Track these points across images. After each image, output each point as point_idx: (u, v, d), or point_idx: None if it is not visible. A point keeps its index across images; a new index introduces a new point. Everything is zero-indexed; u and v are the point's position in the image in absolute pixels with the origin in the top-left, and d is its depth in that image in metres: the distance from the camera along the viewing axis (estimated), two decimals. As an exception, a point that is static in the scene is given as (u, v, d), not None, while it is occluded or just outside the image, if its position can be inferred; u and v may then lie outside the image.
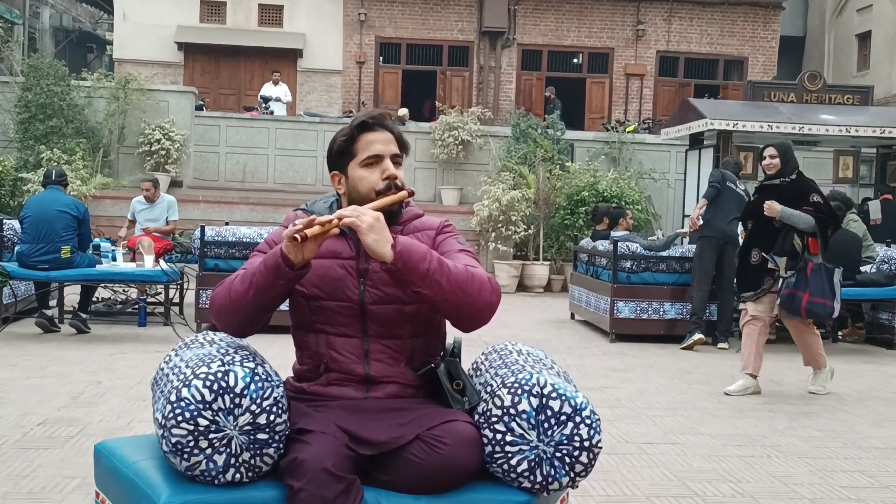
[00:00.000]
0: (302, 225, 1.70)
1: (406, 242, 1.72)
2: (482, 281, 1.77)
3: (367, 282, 1.85)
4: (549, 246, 11.45)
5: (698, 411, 4.45)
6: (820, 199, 4.67)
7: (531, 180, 11.45)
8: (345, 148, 1.91)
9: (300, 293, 1.87)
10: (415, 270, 1.70)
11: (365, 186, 1.88)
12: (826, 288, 4.60)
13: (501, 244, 11.05)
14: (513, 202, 10.93)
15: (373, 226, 1.70)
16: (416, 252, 1.71)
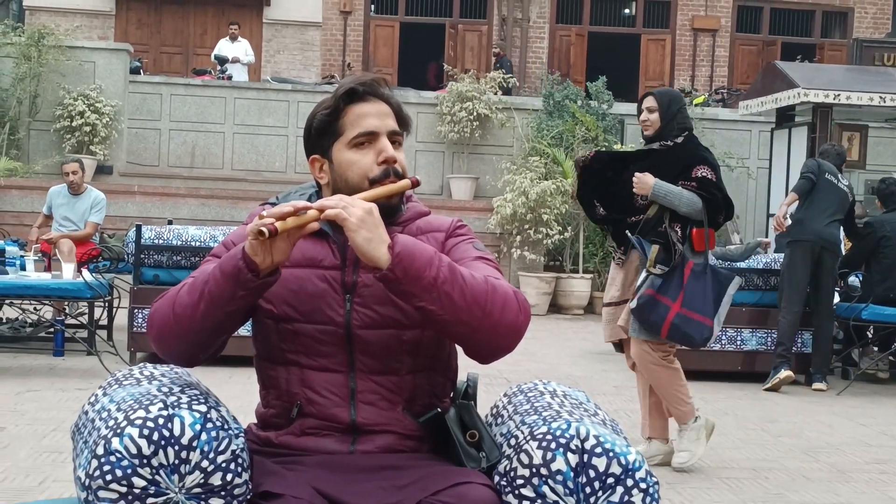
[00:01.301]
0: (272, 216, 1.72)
1: (407, 243, 1.74)
2: (506, 296, 1.79)
3: (356, 298, 1.87)
4: (590, 254, 11.47)
5: (788, 473, 4.46)
6: (709, 173, 4.25)
7: (568, 167, 11.48)
8: (328, 124, 1.93)
9: (266, 312, 1.90)
10: (418, 280, 1.72)
11: (355, 174, 1.90)
12: (708, 301, 4.20)
13: (529, 251, 11.08)
14: (544, 196, 10.96)
15: (364, 220, 1.72)
16: (420, 255, 1.73)
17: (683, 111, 4.41)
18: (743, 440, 5.13)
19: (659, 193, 4.21)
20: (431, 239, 1.95)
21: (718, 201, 4.26)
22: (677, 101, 4.40)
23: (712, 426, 4.45)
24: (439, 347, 1.93)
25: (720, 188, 4.27)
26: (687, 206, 4.20)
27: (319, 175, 1.97)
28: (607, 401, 5.99)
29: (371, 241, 1.71)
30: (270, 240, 1.73)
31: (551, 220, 10.97)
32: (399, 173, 1.92)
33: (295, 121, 13.12)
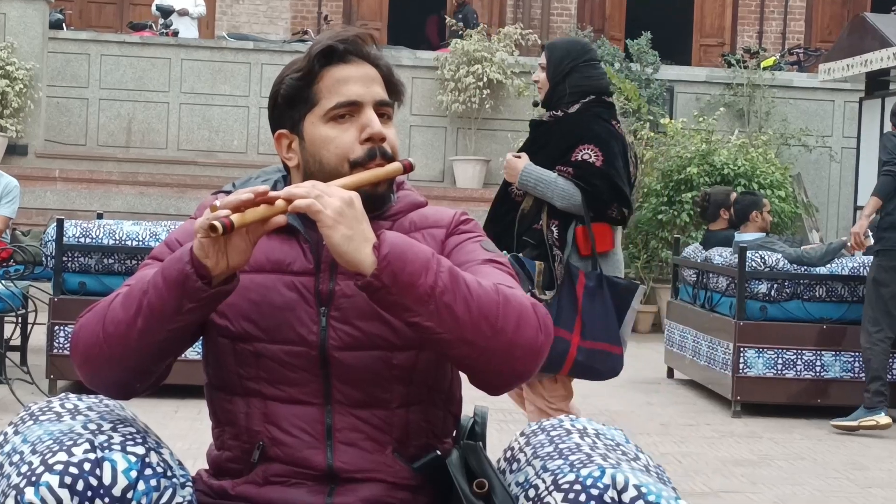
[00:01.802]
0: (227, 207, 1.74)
1: (397, 242, 1.76)
2: (522, 309, 1.81)
3: (333, 312, 1.89)
4: (631, 256, 11.45)
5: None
6: (594, 154, 4.04)
7: (603, 147, 11.46)
8: (298, 92, 1.96)
9: (221, 329, 1.92)
10: (411, 288, 1.74)
11: (332, 154, 1.93)
12: (611, 324, 4.06)
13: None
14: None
15: (343, 213, 1.74)
16: (413, 258, 1.75)
17: (584, 69, 4.16)
18: (823, 491, 5.15)
19: (528, 182, 4.08)
20: (428, 237, 1.97)
21: (602, 194, 4.03)
22: (573, 55, 4.17)
23: None
24: (439, 374, 1.94)
25: (606, 175, 4.02)
26: (561, 200, 4.02)
27: (287, 155, 1.99)
28: (652, 442, 6.00)
29: (351, 239, 1.73)
30: (225, 237, 1.74)
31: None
32: (388, 154, 1.94)
33: (258, 88, 13.13)
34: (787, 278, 6.95)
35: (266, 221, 1.76)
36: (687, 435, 6.27)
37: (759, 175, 11.05)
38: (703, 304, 7.68)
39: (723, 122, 12.61)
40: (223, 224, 1.71)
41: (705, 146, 11.37)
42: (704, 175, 11.03)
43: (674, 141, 11.59)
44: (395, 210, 2.00)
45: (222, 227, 1.70)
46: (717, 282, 7.47)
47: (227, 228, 1.71)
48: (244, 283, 1.86)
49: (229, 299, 1.84)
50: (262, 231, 1.77)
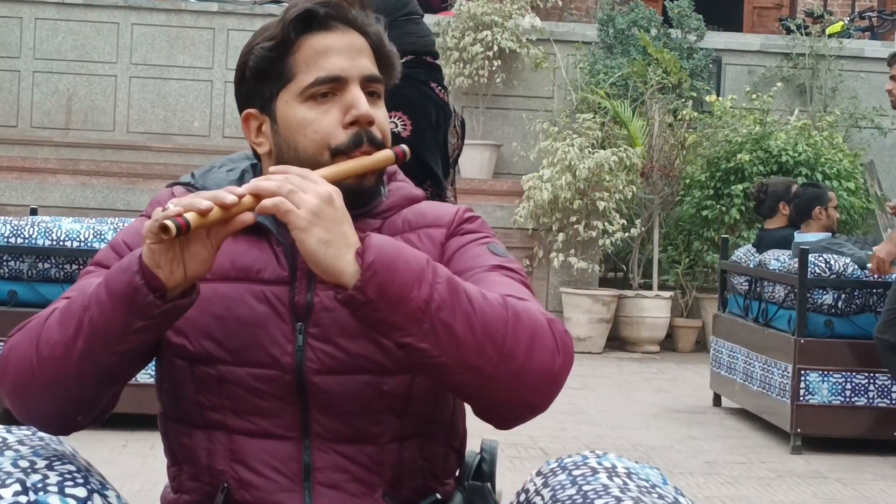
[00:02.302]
0: (180, 206, 1.73)
1: (385, 247, 1.76)
2: (537, 326, 1.82)
3: (312, 328, 1.91)
4: (670, 261, 11.47)
5: None
6: (403, 122, 4.26)
7: (636, 130, 11.48)
8: (271, 64, 1.97)
9: (177, 349, 1.94)
10: (401, 303, 1.74)
11: (310, 140, 1.94)
12: None
13: (577, 257, 11.09)
14: (600, 174, 10.98)
15: (319, 213, 1.74)
16: (404, 266, 1.75)
17: (402, 24, 4.30)
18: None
19: None
20: (425, 238, 1.98)
21: (408, 168, 4.14)
22: (388, 9, 4.25)
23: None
24: (438, 403, 1.95)
25: (411, 147, 4.07)
26: None
27: (257, 140, 2.00)
28: (695, 483, 6.02)
29: (329, 244, 1.73)
30: (181, 241, 1.74)
31: (610, 209, 10.98)
32: (377, 140, 1.95)
33: (223, 59, 13.14)
34: (857, 287, 6.94)
35: (230, 221, 1.76)
36: (737, 475, 6.26)
37: (823, 163, 11.06)
38: (756, 317, 7.69)
39: (780, 100, 12.64)
40: (177, 225, 1.70)
41: (759, 128, 11.40)
42: (758, 163, 11.05)
43: (721, 122, 11.61)
44: (385, 206, 2.00)
45: (176, 229, 1.70)
46: (774, 291, 7.46)
47: (181, 230, 1.70)
48: (205, 295, 1.87)
49: (188, 314, 1.85)
50: (225, 233, 1.78)
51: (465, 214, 2.05)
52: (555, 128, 11.74)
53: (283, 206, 1.73)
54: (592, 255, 11.19)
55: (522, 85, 13.05)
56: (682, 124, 11.59)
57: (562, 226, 11.11)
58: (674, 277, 11.40)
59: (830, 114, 12.44)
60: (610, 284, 11.61)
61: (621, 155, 11.03)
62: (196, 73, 13.22)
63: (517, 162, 12.78)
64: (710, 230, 11.14)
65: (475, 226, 2.04)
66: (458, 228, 2.03)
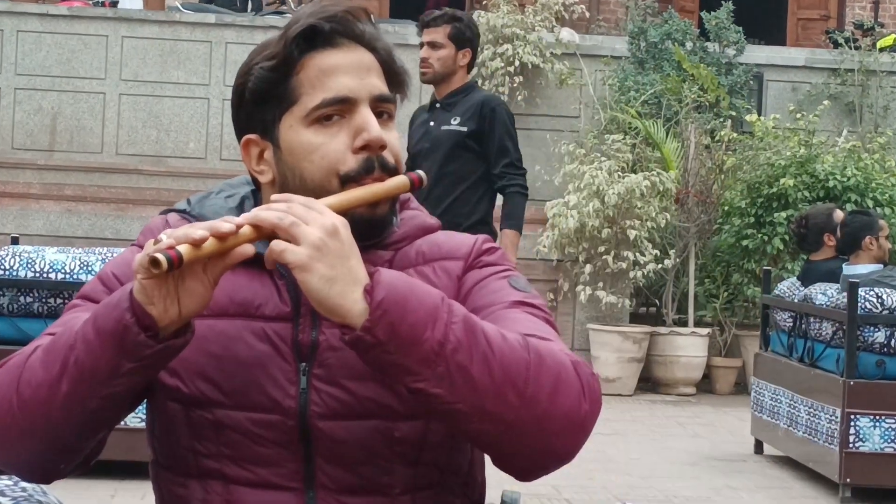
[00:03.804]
0: (173, 239, 1.74)
1: (397, 284, 1.76)
2: (561, 369, 1.82)
3: (316, 370, 1.91)
4: (707, 294, 11.43)
5: None
6: None
7: (670, 152, 11.48)
8: (272, 85, 1.97)
9: (171, 391, 1.93)
10: (414, 346, 1.74)
11: (317, 167, 1.94)
12: None
13: (606, 290, 11.05)
14: (631, 199, 10.96)
15: (323, 248, 1.74)
16: (416, 304, 1.75)
17: None
18: None
19: None
20: (440, 271, 1.98)
21: None
22: None
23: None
24: (454, 451, 1.95)
25: None
26: None
27: (258, 168, 2.01)
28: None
29: (334, 281, 1.73)
30: (175, 276, 1.75)
31: (642, 238, 10.97)
32: (389, 165, 1.95)
33: (221, 74, 13.18)
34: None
35: (227, 253, 1.77)
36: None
37: (874, 189, 11.02)
38: (801, 357, 7.66)
39: (827, 120, 12.56)
40: (168, 258, 1.70)
41: (804, 151, 11.37)
42: (803, 188, 11.01)
43: (763, 144, 11.60)
44: (398, 236, 2.01)
45: (167, 262, 1.70)
46: (821, 328, 7.45)
47: (173, 264, 1.71)
48: (201, 332, 1.88)
49: (182, 353, 1.84)
50: (222, 266, 1.78)
51: (484, 245, 2.05)
52: (581, 150, 11.73)
53: (276, 247, 1.73)
54: (622, 288, 11.17)
55: (546, 103, 13.05)
56: (721, 146, 11.59)
57: (589, 256, 11.10)
58: (711, 313, 11.36)
59: (882, 134, 12.36)
60: (642, 320, 11.58)
61: (654, 179, 11.02)
62: (191, 90, 13.25)
63: (540, 187, 12.73)
64: (750, 261, 11.12)
65: (495, 258, 2.04)
66: (476, 261, 2.03)
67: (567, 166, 11.58)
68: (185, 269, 1.74)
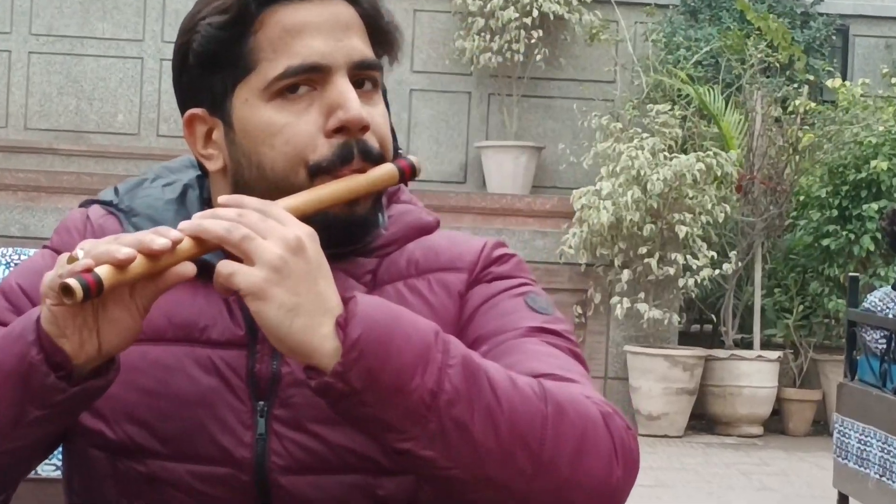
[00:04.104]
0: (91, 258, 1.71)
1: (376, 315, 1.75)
2: (587, 423, 1.80)
3: (277, 410, 1.92)
4: (778, 308, 11.43)
5: None
6: None
7: (730, 127, 11.47)
8: (223, 48, 1.97)
9: (93, 436, 1.94)
10: (399, 395, 1.72)
11: (280, 153, 1.94)
12: None
13: (650, 301, 11.07)
14: (680, 187, 10.97)
15: (283, 270, 1.73)
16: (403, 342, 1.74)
17: None
18: None
19: None
20: (438, 286, 1.98)
21: None
22: None
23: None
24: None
25: None
26: None
27: (205, 151, 2.00)
28: None
29: (296, 312, 1.72)
30: (94, 302, 1.73)
31: (695, 236, 10.98)
32: (373, 152, 1.95)
33: (158, 28, 13.23)
34: None
35: (161, 274, 1.75)
36: None
37: None
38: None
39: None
40: (84, 284, 1.66)
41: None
42: (897, 173, 11.04)
43: (849, 116, 11.66)
44: (385, 240, 2.00)
45: (83, 291, 1.66)
46: (918, 352, 7.46)
47: (90, 292, 1.67)
48: (131, 362, 1.88)
49: (110, 391, 1.85)
50: (155, 290, 1.76)
51: (495, 252, 2.04)
52: (617, 124, 11.76)
53: (224, 270, 1.71)
54: (670, 300, 11.19)
55: (572, 64, 13.12)
56: (795, 119, 11.59)
57: (627, 259, 11.13)
58: (783, 332, 11.41)
59: None
60: (694, 341, 11.62)
61: (710, 161, 11.05)
62: (120, 47, 13.34)
63: (565, 171, 12.84)
64: (833, 266, 11.18)
65: (508, 268, 2.03)
66: (484, 273, 2.01)
67: (599, 145, 11.62)
68: (108, 295, 1.71)
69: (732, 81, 11.99)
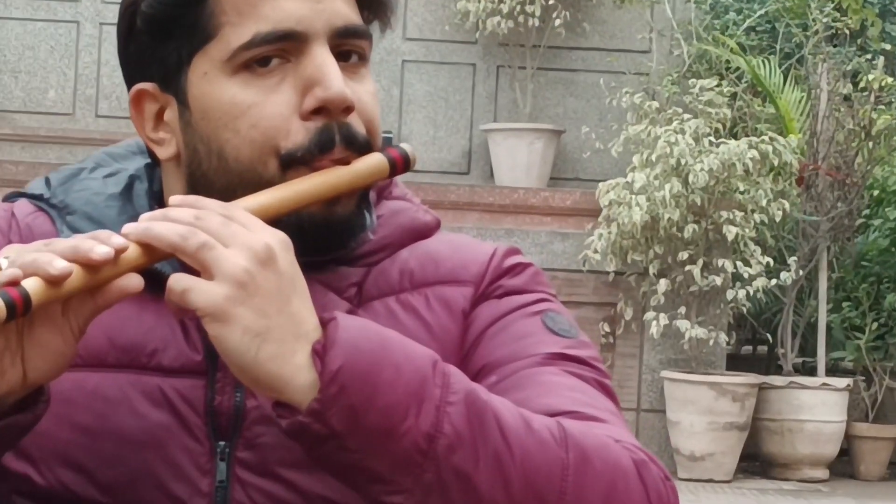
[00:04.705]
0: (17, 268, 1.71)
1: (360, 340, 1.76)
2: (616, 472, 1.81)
3: (241, 452, 1.95)
4: (847, 327, 11.44)
5: None
6: None
7: (790, 106, 11.49)
8: (177, 11, 1.98)
9: (21, 483, 1.96)
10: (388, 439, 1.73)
11: (245, 139, 1.96)
12: None
13: (692, 317, 11.08)
14: (729, 179, 11.00)
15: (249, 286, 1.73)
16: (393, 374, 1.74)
17: None
18: None
19: None
20: (437, 303, 1.99)
21: None
22: None
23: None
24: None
25: None
26: None
27: (154, 135, 2.01)
28: None
29: (266, 338, 1.72)
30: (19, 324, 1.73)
31: (747, 239, 11.00)
32: (358, 138, 1.95)
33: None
34: None
35: (101, 288, 1.74)
36: None
37: None
38: None
39: None
40: (8, 301, 1.66)
41: None
42: None
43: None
44: (373, 245, 2.01)
45: (6, 309, 1.66)
46: None
47: (15, 310, 1.67)
48: (65, 393, 1.88)
49: (42, 427, 1.85)
50: (93, 308, 1.75)
51: (507, 261, 2.04)
52: (653, 103, 11.79)
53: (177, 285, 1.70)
54: (716, 316, 11.21)
55: (599, 31, 13.17)
56: (868, 97, 11.61)
57: (665, 267, 11.14)
58: (853, 354, 11.43)
59: None
60: (746, 366, 11.63)
61: (765, 148, 11.07)
62: (52, 8, 13.36)
63: (590, 160, 12.89)
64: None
65: (523, 280, 2.03)
66: (493, 286, 2.02)
67: (631, 128, 11.65)
68: (36, 314, 1.70)
69: (792, 51, 12.04)
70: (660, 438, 10.88)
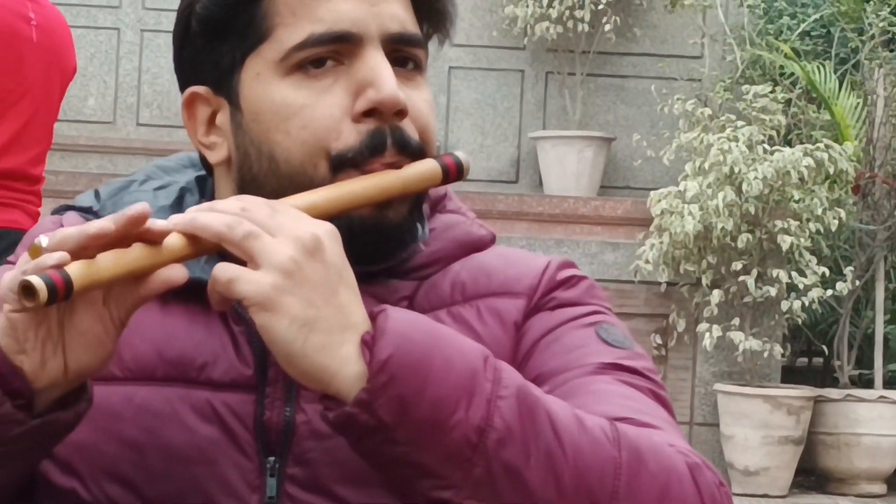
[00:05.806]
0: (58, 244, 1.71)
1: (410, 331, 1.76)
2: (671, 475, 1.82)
3: (291, 468, 1.95)
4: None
5: None
6: None
7: (846, 113, 11.45)
8: (231, 12, 2.02)
9: (64, 496, 1.95)
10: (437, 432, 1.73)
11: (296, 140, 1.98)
12: None
13: (746, 329, 11.05)
14: (784, 187, 10.96)
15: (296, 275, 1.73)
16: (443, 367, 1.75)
17: None
18: None
19: None
20: (489, 315, 2.00)
21: None
22: None
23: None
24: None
25: None
26: None
27: (207, 139, 2.04)
28: None
29: (312, 327, 1.72)
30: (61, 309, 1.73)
31: (802, 248, 10.96)
32: (410, 143, 1.97)
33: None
34: None
35: (144, 277, 1.74)
36: None
37: None
38: None
39: None
40: (50, 283, 1.66)
41: None
42: None
43: None
44: (425, 258, 2.02)
45: (48, 291, 1.65)
46: None
47: (57, 292, 1.66)
48: (113, 406, 1.91)
49: (81, 437, 1.85)
50: (136, 298, 1.76)
51: (561, 273, 2.05)
52: (706, 109, 11.75)
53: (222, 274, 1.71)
54: (771, 327, 11.16)
55: (650, 36, 13.13)
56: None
57: (718, 277, 11.10)
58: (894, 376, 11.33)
59: None
60: (802, 378, 11.58)
61: (821, 156, 11.02)
62: (91, 15, 13.33)
63: (641, 168, 12.85)
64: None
65: (577, 293, 2.04)
66: (546, 298, 2.03)
67: (683, 135, 11.59)
68: (77, 301, 1.71)
69: (848, 57, 11.97)
70: (713, 453, 10.86)
